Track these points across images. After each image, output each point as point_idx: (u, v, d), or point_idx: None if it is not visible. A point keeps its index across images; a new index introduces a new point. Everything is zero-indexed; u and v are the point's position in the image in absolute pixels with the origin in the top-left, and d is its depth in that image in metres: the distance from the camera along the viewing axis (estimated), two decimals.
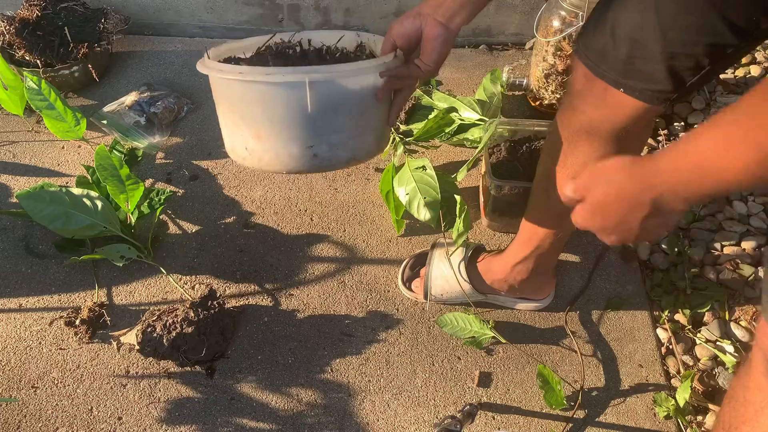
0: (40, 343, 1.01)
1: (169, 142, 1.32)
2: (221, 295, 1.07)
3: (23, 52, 1.33)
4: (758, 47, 1.54)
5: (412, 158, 1.12)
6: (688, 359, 1.03)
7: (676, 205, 0.51)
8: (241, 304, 1.07)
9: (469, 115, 1.28)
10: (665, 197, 0.51)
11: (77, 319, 1.02)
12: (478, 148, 1.11)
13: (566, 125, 0.74)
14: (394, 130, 1.26)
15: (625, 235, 0.58)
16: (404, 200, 1.08)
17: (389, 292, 1.10)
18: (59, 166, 1.27)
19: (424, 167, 1.07)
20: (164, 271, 1.10)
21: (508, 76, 1.42)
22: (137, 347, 0.96)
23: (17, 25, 1.34)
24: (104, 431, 0.92)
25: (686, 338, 1.05)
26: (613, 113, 0.67)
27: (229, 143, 0.81)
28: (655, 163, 0.51)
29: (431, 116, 1.23)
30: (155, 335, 0.95)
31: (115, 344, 1.01)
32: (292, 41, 0.89)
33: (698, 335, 1.05)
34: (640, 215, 0.54)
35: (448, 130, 1.24)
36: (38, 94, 1.17)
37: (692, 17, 0.57)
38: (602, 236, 0.60)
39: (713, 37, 0.58)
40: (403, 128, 1.32)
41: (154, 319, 0.97)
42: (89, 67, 1.38)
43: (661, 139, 1.35)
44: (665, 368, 1.02)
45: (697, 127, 0.49)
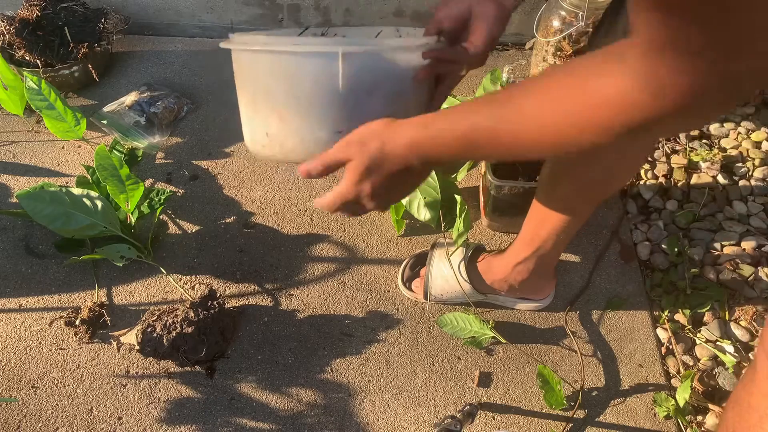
0: (40, 343, 1.01)
1: (169, 142, 1.32)
2: (221, 295, 1.07)
3: (23, 52, 1.33)
4: None
5: None
6: (688, 359, 1.03)
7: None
8: (241, 304, 1.07)
9: None
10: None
11: (77, 319, 1.02)
12: None
13: None
14: None
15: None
16: (404, 200, 1.08)
17: (389, 292, 1.10)
18: (59, 166, 1.27)
19: None
20: (164, 271, 1.10)
21: (508, 76, 1.42)
22: (137, 347, 0.96)
23: (17, 25, 1.34)
24: (104, 431, 0.93)
25: (686, 338, 1.05)
26: None
27: (248, 132, 0.74)
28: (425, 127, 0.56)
29: None
30: (155, 335, 0.95)
31: (115, 344, 1.01)
32: (326, 35, 0.83)
33: (698, 335, 1.05)
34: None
35: None
36: (38, 94, 1.17)
37: None
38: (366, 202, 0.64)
39: None
40: None
41: (154, 319, 0.97)
42: (89, 67, 1.38)
43: (661, 139, 1.35)
44: (665, 368, 1.02)
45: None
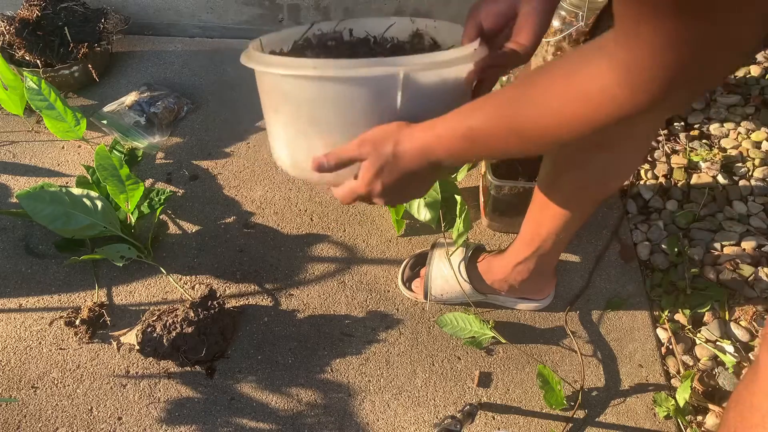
0: (40, 343, 1.01)
1: (169, 142, 1.32)
2: (221, 295, 1.07)
3: (23, 52, 1.33)
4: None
5: None
6: (688, 359, 1.03)
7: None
8: (241, 304, 1.07)
9: None
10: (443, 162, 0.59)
11: (77, 319, 1.02)
12: None
13: None
14: None
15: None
16: None
17: (389, 292, 1.10)
18: (59, 166, 1.27)
19: None
20: (164, 271, 1.10)
21: (508, 76, 1.42)
22: (137, 347, 0.96)
23: (17, 25, 1.34)
24: (104, 431, 0.93)
25: (686, 338, 1.05)
26: None
27: (287, 154, 0.68)
28: (434, 131, 0.57)
29: None
30: (155, 335, 0.95)
31: (115, 344, 1.01)
32: (336, 30, 0.77)
33: (698, 335, 1.05)
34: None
35: None
36: (38, 94, 1.17)
37: None
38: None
39: None
40: None
41: (154, 319, 0.97)
42: (89, 67, 1.38)
43: (661, 139, 1.35)
44: (665, 368, 1.02)
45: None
